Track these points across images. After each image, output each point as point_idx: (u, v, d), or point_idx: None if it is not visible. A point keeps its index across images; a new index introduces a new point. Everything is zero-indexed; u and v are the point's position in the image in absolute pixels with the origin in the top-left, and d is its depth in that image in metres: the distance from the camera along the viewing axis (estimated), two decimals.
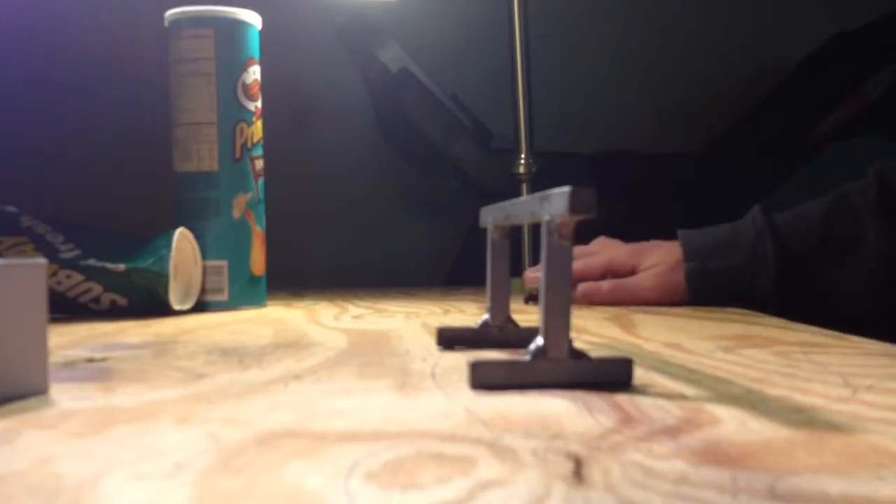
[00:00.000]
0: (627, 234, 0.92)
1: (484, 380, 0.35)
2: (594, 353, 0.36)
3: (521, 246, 1.16)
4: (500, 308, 0.47)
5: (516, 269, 1.16)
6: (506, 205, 0.43)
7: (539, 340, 0.35)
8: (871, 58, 1.30)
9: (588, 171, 1.40)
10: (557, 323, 0.35)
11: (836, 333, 0.54)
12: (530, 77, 1.17)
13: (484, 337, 0.48)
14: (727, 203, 1.36)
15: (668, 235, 0.86)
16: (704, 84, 1.52)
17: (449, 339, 0.49)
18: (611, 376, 0.36)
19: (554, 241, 0.35)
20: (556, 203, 0.34)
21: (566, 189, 0.33)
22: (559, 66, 1.45)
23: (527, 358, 0.35)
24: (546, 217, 0.35)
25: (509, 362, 0.36)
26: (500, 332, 0.48)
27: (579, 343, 0.36)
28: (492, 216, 0.46)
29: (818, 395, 0.33)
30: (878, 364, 0.42)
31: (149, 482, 0.22)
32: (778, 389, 0.34)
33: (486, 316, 0.48)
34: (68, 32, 1.35)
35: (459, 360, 0.43)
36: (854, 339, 0.51)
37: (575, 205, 0.33)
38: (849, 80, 1.32)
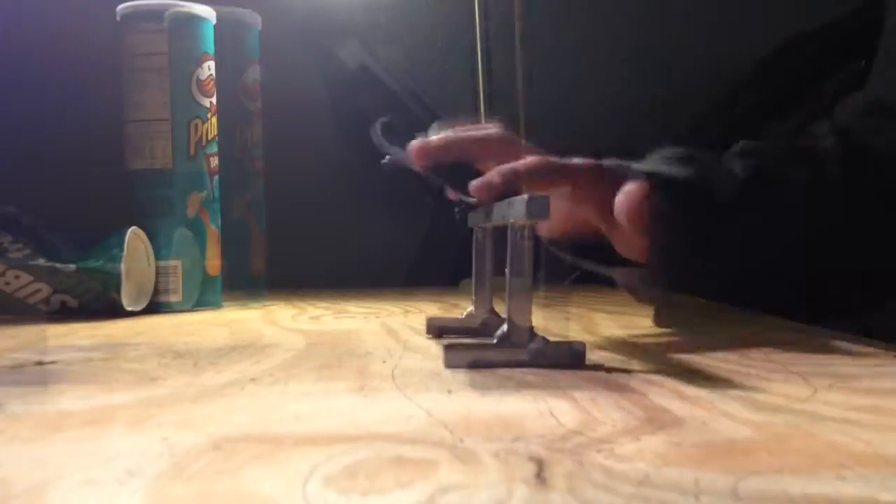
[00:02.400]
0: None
1: (456, 361, 0.40)
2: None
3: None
4: (483, 300, 0.53)
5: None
6: (487, 208, 0.49)
7: (504, 327, 0.41)
8: (830, 58, 1.32)
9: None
10: (520, 311, 0.41)
11: (797, 332, 0.54)
12: (492, 75, 1.17)
13: (469, 326, 0.53)
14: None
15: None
16: (666, 84, 1.53)
17: (437, 329, 0.54)
18: (566, 357, 0.41)
19: (517, 241, 0.40)
20: (517, 208, 0.40)
21: (524, 197, 0.39)
22: (522, 63, 1.46)
23: (493, 342, 0.41)
24: (511, 220, 0.40)
25: (478, 345, 0.42)
26: (483, 322, 0.53)
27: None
28: (476, 217, 0.52)
29: (779, 394, 0.33)
30: (838, 363, 0.42)
31: (99, 489, 0.21)
32: (739, 389, 0.35)
33: (470, 308, 0.53)
34: (18, 28, 1.33)
35: (420, 363, 0.43)
36: (815, 337, 0.52)
37: (531, 210, 0.39)
38: (807, 80, 1.34)
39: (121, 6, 0.79)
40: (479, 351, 0.41)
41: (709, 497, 0.20)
